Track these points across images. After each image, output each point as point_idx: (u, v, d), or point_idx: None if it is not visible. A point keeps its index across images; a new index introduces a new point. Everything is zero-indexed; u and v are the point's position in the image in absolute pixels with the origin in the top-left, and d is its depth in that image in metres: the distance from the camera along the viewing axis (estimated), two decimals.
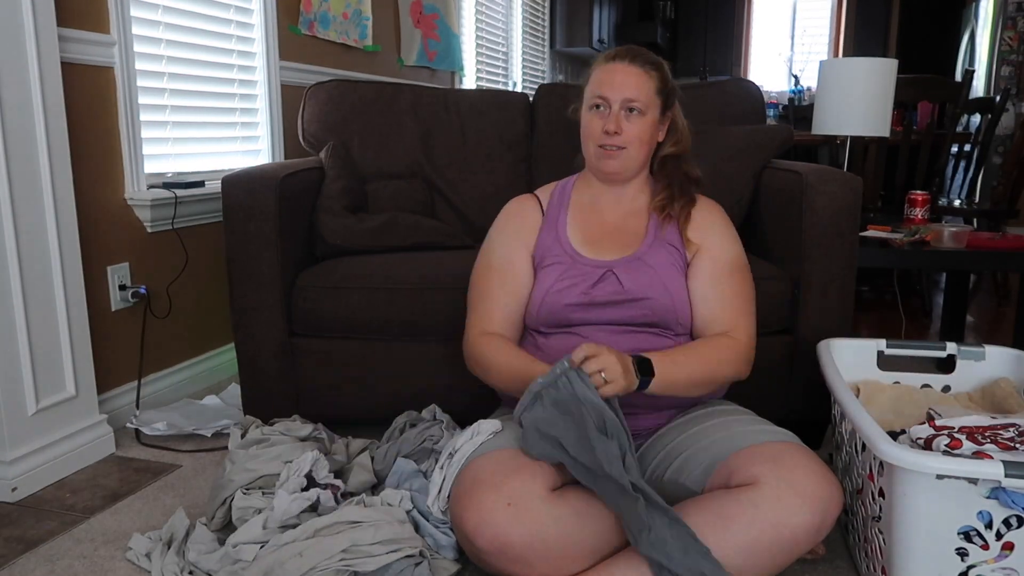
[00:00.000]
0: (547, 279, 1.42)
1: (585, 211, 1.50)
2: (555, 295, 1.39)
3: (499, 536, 1.12)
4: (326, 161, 2.01)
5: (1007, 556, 1.10)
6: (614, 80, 1.40)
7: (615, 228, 1.47)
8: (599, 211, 1.49)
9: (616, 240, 1.45)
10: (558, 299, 1.39)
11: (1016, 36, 5.16)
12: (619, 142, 1.41)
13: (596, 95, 1.42)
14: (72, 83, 1.82)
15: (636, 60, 1.42)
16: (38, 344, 1.68)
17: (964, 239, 2.11)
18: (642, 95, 1.40)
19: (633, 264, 1.41)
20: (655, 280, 1.39)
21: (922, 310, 3.39)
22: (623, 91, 1.39)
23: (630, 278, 1.39)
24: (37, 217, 1.66)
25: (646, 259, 1.42)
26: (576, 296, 1.38)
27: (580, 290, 1.39)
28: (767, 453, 1.19)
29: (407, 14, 3.49)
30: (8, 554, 1.43)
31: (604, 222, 1.48)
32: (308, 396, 1.83)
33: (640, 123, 1.41)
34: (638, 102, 1.40)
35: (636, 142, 1.42)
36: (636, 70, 1.40)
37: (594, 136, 1.43)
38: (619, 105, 1.40)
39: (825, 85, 2.48)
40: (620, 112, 1.40)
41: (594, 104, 1.42)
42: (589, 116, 1.44)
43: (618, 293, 1.38)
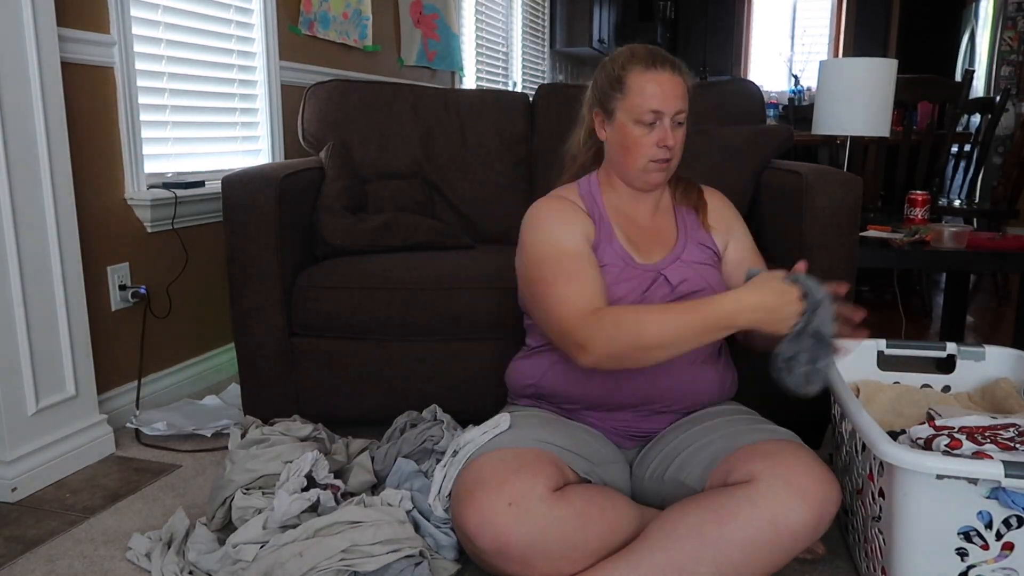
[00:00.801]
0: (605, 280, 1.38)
1: (622, 216, 1.46)
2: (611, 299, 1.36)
3: (500, 536, 1.12)
4: (326, 161, 2.01)
5: (1007, 556, 1.10)
6: (667, 91, 1.35)
7: (651, 230, 1.46)
8: (633, 216, 1.47)
9: (655, 242, 1.45)
10: (615, 301, 1.35)
11: (1016, 36, 5.16)
12: (670, 156, 1.39)
13: (649, 109, 1.34)
14: (72, 83, 1.82)
15: (675, 66, 1.37)
16: (38, 344, 1.68)
17: (964, 239, 2.11)
18: (687, 104, 1.38)
19: (676, 264, 1.42)
20: (697, 276, 1.40)
21: (922, 310, 3.39)
22: (675, 103, 1.35)
23: (677, 275, 1.39)
24: (37, 217, 1.66)
25: (684, 257, 1.43)
26: (632, 300, 1.36)
27: (637, 295, 1.37)
28: (765, 451, 1.19)
29: (407, 14, 3.49)
30: (8, 554, 1.43)
31: (641, 226, 1.46)
32: (308, 396, 1.83)
33: (683, 132, 1.40)
34: (684, 112, 1.38)
35: (679, 152, 1.41)
36: (679, 79, 1.37)
37: (645, 151, 1.37)
38: (670, 118, 1.36)
39: (825, 85, 2.48)
40: (672, 124, 1.37)
41: (646, 120, 1.35)
42: (639, 130, 1.36)
43: (669, 294, 1.38)
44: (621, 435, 1.41)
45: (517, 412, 1.40)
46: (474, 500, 1.15)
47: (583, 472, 1.28)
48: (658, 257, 1.43)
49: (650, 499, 1.34)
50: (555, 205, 1.42)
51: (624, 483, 1.37)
